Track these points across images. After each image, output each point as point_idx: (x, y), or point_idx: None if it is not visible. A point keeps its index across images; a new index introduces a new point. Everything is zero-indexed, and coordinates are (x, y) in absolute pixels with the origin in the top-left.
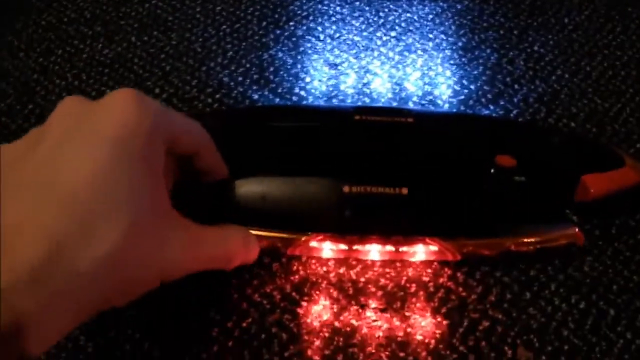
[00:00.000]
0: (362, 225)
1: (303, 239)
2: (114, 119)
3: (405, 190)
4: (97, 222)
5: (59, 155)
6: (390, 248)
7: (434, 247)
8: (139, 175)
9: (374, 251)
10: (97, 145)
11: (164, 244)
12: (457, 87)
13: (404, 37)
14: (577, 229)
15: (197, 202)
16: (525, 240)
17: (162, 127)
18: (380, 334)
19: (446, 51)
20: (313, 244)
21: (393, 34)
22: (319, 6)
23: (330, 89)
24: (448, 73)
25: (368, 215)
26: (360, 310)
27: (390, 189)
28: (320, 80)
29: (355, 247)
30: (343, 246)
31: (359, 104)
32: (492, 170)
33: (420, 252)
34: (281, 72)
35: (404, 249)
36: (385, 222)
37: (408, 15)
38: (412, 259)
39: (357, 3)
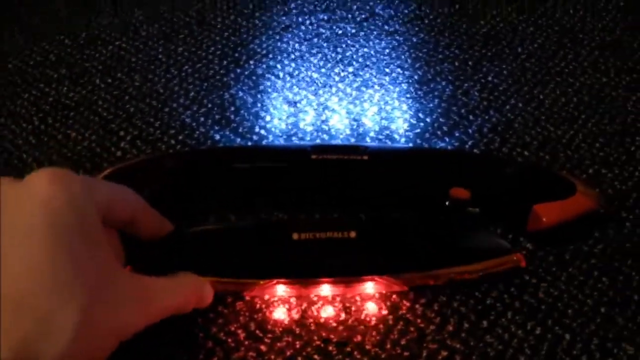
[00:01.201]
0: (312, 270)
1: (258, 283)
2: (41, 205)
3: (353, 234)
4: (52, 316)
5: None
6: (341, 286)
7: (382, 282)
8: (80, 252)
9: (326, 290)
10: (32, 238)
11: (119, 308)
12: (413, 121)
13: (361, 72)
14: (517, 254)
15: (149, 256)
16: (468, 269)
17: (92, 198)
18: None
19: (402, 85)
20: (267, 287)
21: (351, 69)
22: (279, 44)
23: (290, 127)
24: (404, 107)
25: (317, 260)
26: (322, 345)
27: (338, 233)
28: (280, 119)
29: (307, 287)
30: (296, 287)
31: (318, 141)
32: (447, 203)
33: (369, 287)
34: (242, 112)
35: (354, 285)
36: (334, 266)
37: (365, 50)
38: (361, 292)
39: (316, 40)
